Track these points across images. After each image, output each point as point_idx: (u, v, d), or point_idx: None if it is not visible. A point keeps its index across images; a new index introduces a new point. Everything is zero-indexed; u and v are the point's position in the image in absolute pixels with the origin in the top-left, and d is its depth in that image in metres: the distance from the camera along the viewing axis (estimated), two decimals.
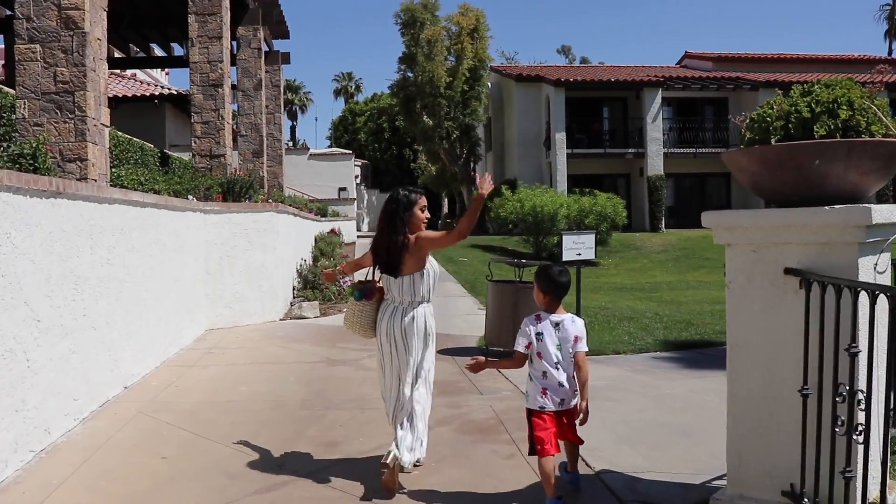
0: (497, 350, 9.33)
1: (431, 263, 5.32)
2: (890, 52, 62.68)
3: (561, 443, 5.01)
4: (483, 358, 5.32)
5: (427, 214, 5.32)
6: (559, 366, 4.80)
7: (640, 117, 33.48)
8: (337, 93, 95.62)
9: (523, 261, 9.94)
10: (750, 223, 4.32)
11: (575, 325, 4.94)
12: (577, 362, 4.88)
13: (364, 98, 70.24)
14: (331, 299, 14.31)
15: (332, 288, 14.66)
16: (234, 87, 23.25)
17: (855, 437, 3.65)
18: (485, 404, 7.13)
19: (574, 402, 4.87)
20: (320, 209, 27.83)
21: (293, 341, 10.64)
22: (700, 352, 10.23)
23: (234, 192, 12.90)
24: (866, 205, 3.85)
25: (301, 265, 15.65)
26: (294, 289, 14.75)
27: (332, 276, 6.32)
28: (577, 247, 11.39)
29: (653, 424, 6.52)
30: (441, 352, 9.74)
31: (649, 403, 7.24)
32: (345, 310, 5.91)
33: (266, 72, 25.03)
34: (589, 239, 11.50)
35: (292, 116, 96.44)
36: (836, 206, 3.90)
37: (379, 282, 5.45)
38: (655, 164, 32.61)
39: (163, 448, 5.85)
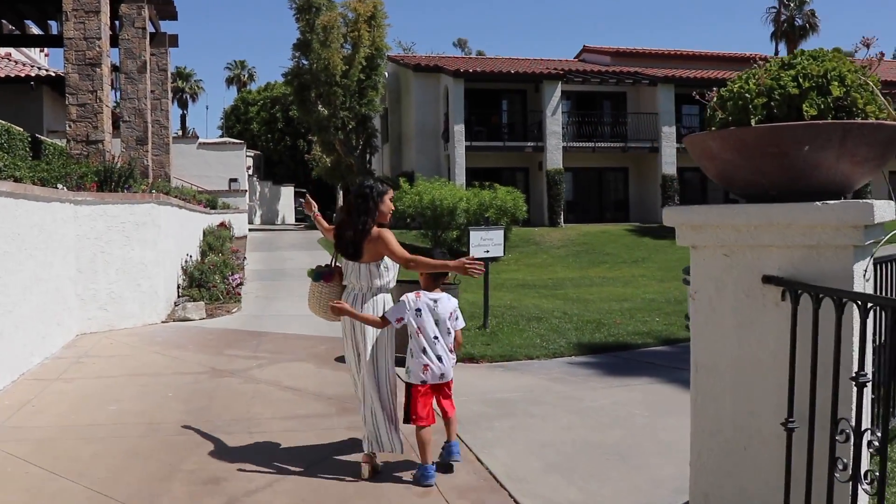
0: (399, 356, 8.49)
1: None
2: (776, 53, 64.28)
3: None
4: (347, 305, 5.29)
5: (392, 206, 5.44)
6: (437, 340, 5.14)
7: (539, 110, 33.05)
8: (229, 81, 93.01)
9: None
10: (722, 221, 3.60)
11: (451, 303, 5.30)
12: (457, 338, 5.35)
13: (257, 87, 68.31)
14: (219, 298, 13.21)
15: (220, 286, 13.57)
16: (116, 69, 21.74)
17: (864, 486, 2.95)
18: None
19: (451, 375, 5.24)
20: (210, 201, 26.42)
21: (174, 347, 9.56)
22: (616, 356, 9.61)
23: (112, 181, 11.69)
24: (867, 201, 3.14)
25: (187, 261, 14.45)
26: (179, 288, 13.58)
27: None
28: (485, 243, 10.66)
29: (583, 446, 5.79)
30: (339, 360, 8.84)
31: (575, 419, 6.52)
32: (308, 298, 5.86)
33: (152, 54, 23.54)
34: (497, 235, 10.80)
35: (182, 105, 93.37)
36: (829, 202, 3.18)
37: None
38: (554, 158, 32.25)
39: (1, 493, 4.80)
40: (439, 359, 5.12)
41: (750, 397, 3.51)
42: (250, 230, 33.61)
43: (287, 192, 49.59)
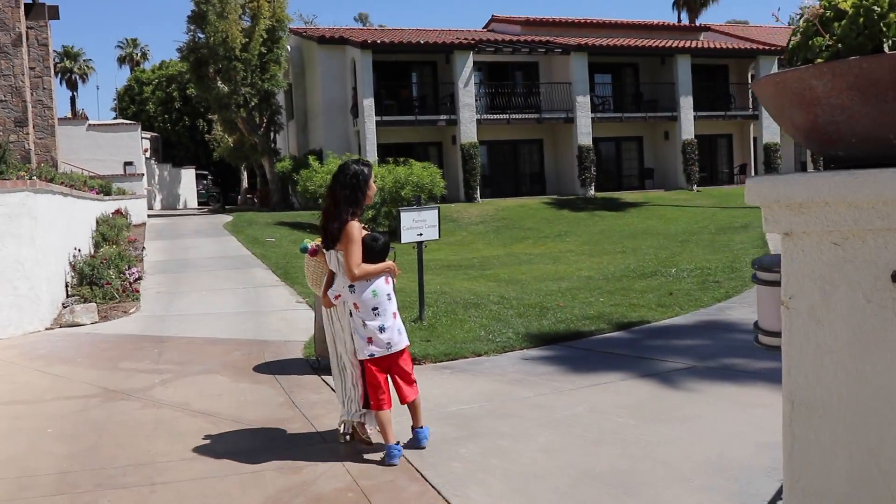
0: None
1: None
2: (679, 20, 64.45)
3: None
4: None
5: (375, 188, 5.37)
6: (377, 312, 5.08)
7: (451, 82, 31.85)
8: (121, 60, 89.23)
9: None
10: (836, 195, 2.43)
11: None
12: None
13: (152, 66, 65.23)
14: (114, 297, 11.67)
15: (115, 282, 12.02)
16: None
17: None
18: (336, 464, 5.03)
19: (402, 343, 5.20)
20: (103, 187, 24.49)
21: (60, 362, 8.07)
22: (572, 346, 8.55)
23: None
24: None
25: (76, 256, 12.80)
26: (67, 287, 11.99)
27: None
28: (417, 225, 9.46)
29: (575, 477, 4.66)
30: (258, 369, 7.54)
31: (553, 437, 5.40)
32: None
33: (30, 27, 21.50)
34: (431, 216, 9.60)
35: (72, 86, 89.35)
36: None
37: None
38: (469, 132, 31.13)
39: None
40: (381, 329, 5.09)
41: (877, 448, 2.41)
42: (150, 216, 31.62)
43: (188, 175, 47.34)
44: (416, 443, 5.19)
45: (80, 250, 12.89)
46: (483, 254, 20.57)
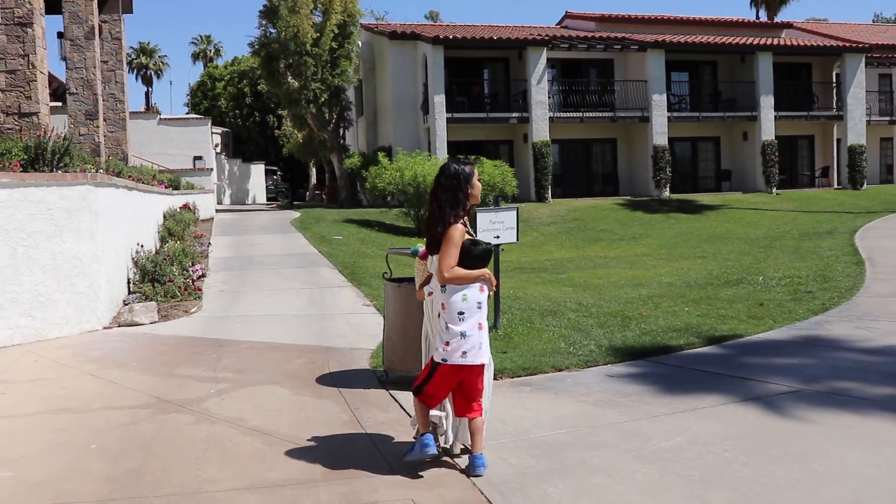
0: (402, 375, 6.64)
1: None
2: (757, 17, 62.68)
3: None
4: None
5: (479, 186, 5.14)
6: (462, 317, 4.83)
7: (523, 79, 31.10)
8: (195, 57, 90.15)
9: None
10: None
11: None
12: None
13: (224, 62, 65.64)
14: (175, 295, 11.26)
15: (177, 280, 11.62)
16: (60, 35, 19.62)
17: None
18: (404, 496, 4.43)
19: (481, 358, 4.86)
20: (172, 181, 24.37)
21: (113, 366, 7.62)
22: (661, 362, 7.83)
23: (44, 159, 9.71)
24: None
25: (138, 252, 12.43)
26: (130, 283, 11.63)
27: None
28: (494, 227, 8.83)
29: None
30: (321, 380, 6.98)
31: (653, 474, 4.71)
32: None
33: (103, 21, 21.41)
34: (510, 217, 9.00)
35: (147, 82, 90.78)
36: None
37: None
38: (541, 130, 30.37)
39: None
40: (462, 335, 4.81)
41: None
42: (218, 211, 31.53)
43: (257, 171, 47.39)
44: (471, 469, 4.78)
45: (142, 246, 12.51)
46: (555, 256, 19.84)
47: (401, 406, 6.02)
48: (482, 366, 4.90)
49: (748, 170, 34.04)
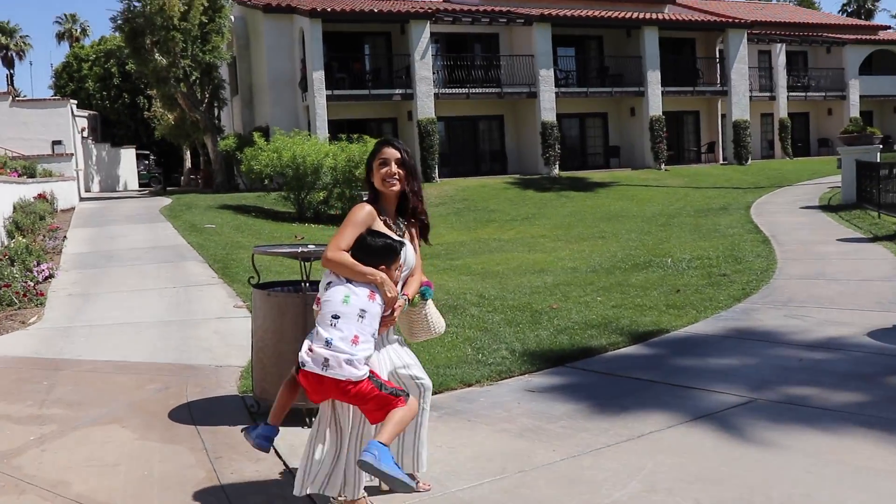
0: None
1: None
2: None
3: None
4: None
5: (390, 170, 4.08)
6: (335, 324, 3.76)
7: (406, 54, 29.74)
8: (60, 37, 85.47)
9: (310, 246, 5.71)
10: None
11: None
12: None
13: (91, 42, 61.91)
14: (13, 303, 9.56)
15: (17, 283, 9.92)
16: None
17: None
18: None
19: (349, 373, 3.68)
20: (26, 168, 22.19)
21: None
22: (585, 369, 6.73)
23: None
24: None
25: None
26: None
27: None
28: None
29: None
30: (176, 414, 5.59)
31: None
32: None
33: None
34: None
35: (8, 64, 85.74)
36: None
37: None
38: (426, 107, 29.10)
39: None
40: (328, 343, 3.72)
41: None
42: (84, 199, 29.25)
43: (128, 155, 44.65)
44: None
45: None
46: (447, 240, 18.68)
47: (276, 452, 4.69)
48: (349, 382, 3.72)
49: (637, 146, 33.64)
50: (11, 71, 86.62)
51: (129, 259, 13.47)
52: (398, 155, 4.11)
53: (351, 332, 3.73)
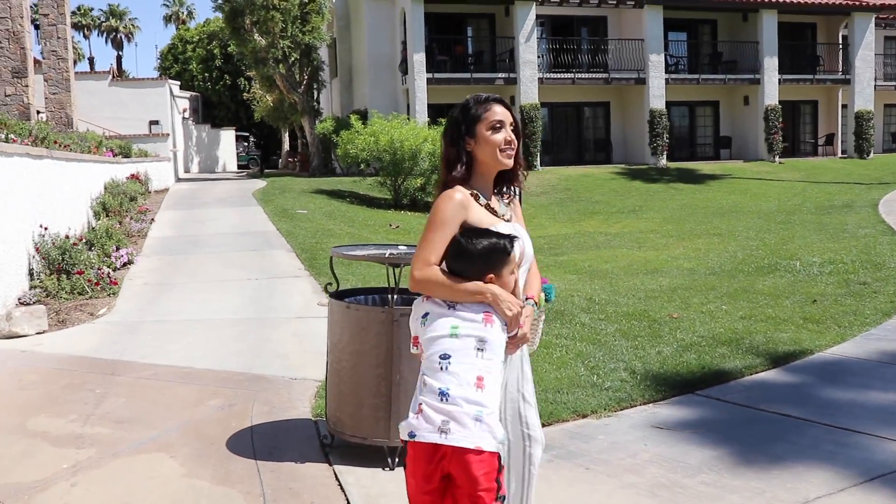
0: (352, 439, 4.37)
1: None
2: None
3: None
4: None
5: (507, 135, 3.04)
6: (445, 366, 2.72)
7: (510, 37, 28.65)
8: (167, 19, 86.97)
9: (400, 248, 4.74)
10: None
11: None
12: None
13: (196, 25, 62.52)
14: (84, 291, 8.93)
15: (89, 271, 9.29)
16: None
17: None
18: None
19: (474, 439, 2.62)
20: (122, 148, 21.92)
21: None
22: (721, 399, 5.63)
23: None
24: None
25: (41, 237, 9.85)
26: (32, 275, 9.23)
27: None
28: None
29: None
30: (236, 443, 4.72)
31: None
32: None
33: None
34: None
35: (118, 46, 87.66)
36: None
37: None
38: (530, 92, 27.95)
39: None
40: (443, 395, 2.65)
41: None
42: (181, 180, 29.09)
43: (227, 137, 44.69)
44: None
45: (46, 228, 9.95)
46: (549, 232, 17.61)
47: (347, 502, 3.76)
48: (479, 451, 2.65)
49: (749, 136, 31.82)
50: (120, 52, 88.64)
51: (214, 245, 12.82)
52: (512, 117, 3.10)
53: (472, 374, 2.71)
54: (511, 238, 2.91)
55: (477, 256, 2.84)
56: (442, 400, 2.67)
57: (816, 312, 8.19)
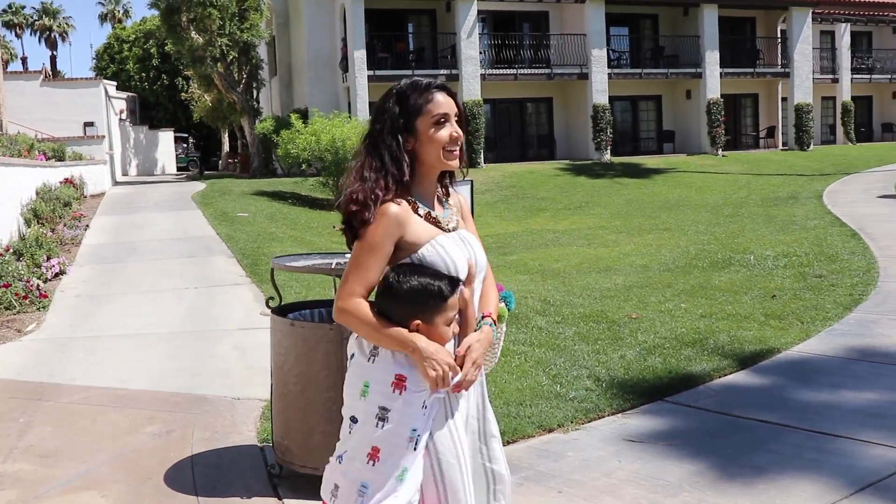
0: (302, 469, 3.98)
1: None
2: None
3: None
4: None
5: (454, 131, 2.64)
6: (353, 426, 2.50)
7: (452, 33, 28.32)
8: (103, 18, 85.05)
9: (347, 257, 4.37)
10: None
11: None
12: None
13: (133, 23, 61.16)
14: (11, 306, 8.36)
15: (16, 284, 8.73)
16: None
17: None
18: None
19: None
20: (56, 151, 21.14)
21: None
22: (692, 406, 5.38)
23: None
24: None
25: None
26: None
27: None
28: None
29: None
30: (173, 476, 4.29)
31: None
32: None
33: None
34: (464, 191, 6.27)
35: (52, 45, 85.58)
36: None
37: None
38: (472, 88, 27.65)
39: None
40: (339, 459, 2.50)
41: None
42: (119, 184, 28.27)
43: (166, 138, 43.70)
44: None
45: None
46: (497, 230, 17.33)
47: None
48: None
49: (692, 130, 31.94)
50: (54, 52, 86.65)
51: (151, 252, 12.27)
52: (457, 107, 2.69)
53: (366, 445, 2.42)
54: (453, 280, 2.48)
55: (402, 298, 2.43)
56: (339, 461, 2.49)
57: (777, 308, 8.01)
